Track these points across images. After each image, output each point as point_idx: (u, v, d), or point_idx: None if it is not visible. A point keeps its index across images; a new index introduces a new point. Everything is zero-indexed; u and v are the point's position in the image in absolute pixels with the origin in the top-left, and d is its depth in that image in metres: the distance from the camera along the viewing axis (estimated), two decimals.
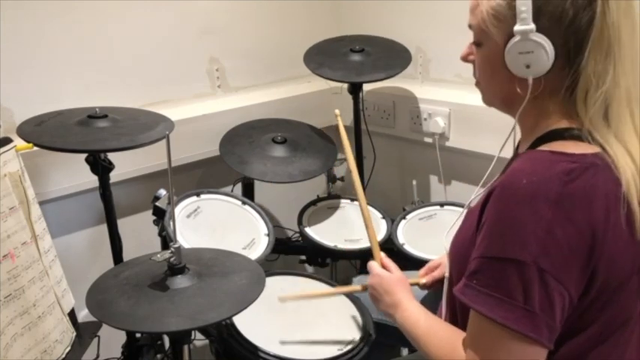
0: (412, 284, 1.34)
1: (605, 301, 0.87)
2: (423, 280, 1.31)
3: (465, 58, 1.01)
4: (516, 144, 1.06)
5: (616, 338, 0.91)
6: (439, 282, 1.30)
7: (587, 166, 0.84)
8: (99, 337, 1.31)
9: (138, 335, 1.53)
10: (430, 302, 1.32)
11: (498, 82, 0.95)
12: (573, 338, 0.88)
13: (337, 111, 1.49)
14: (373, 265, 1.21)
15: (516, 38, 0.87)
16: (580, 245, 0.82)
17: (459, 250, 0.98)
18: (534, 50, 0.86)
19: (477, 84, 1.02)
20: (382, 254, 1.22)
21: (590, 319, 0.88)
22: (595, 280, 0.84)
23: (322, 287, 1.52)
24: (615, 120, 0.87)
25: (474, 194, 1.04)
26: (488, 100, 1.01)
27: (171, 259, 1.09)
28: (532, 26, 0.85)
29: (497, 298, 0.83)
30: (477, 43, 0.96)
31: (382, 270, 1.19)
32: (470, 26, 0.97)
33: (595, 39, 0.84)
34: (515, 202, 0.83)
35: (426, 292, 1.34)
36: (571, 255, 0.81)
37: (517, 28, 0.86)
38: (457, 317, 1.02)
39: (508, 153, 1.08)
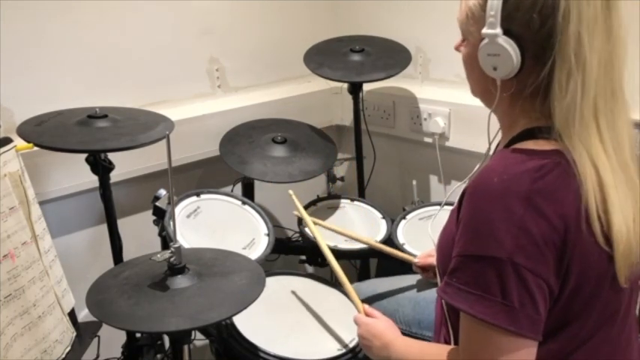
0: (405, 261, 1.43)
1: (587, 294, 0.87)
2: (416, 260, 1.39)
3: (457, 48, 1.03)
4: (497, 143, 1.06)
5: (603, 335, 0.91)
6: (433, 267, 1.34)
7: (559, 162, 0.85)
8: (99, 337, 1.31)
9: (138, 335, 1.53)
10: (426, 285, 1.39)
11: (476, 79, 0.98)
12: (559, 335, 0.89)
13: (291, 191, 1.51)
14: (358, 317, 1.21)
15: (485, 40, 0.89)
16: (553, 238, 0.83)
17: (443, 249, 1.00)
18: (501, 53, 0.88)
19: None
20: (365, 305, 1.24)
21: (574, 314, 0.88)
22: (572, 269, 0.85)
23: (321, 286, 1.53)
24: (584, 130, 0.86)
25: (448, 193, 1.05)
26: (472, 91, 1.04)
27: (172, 259, 1.09)
28: (498, 31, 0.87)
29: (476, 294, 0.85)
30: (462, 39, 0.99)
31: (367, 318, 1.20)
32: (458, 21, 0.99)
33: (558, 46, 0.84)
34: (487, 200, 0.84)
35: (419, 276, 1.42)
36: (545, 248, 0.82)
37: (484, 31, 0.89)
38: (450, 316, 1.03)
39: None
